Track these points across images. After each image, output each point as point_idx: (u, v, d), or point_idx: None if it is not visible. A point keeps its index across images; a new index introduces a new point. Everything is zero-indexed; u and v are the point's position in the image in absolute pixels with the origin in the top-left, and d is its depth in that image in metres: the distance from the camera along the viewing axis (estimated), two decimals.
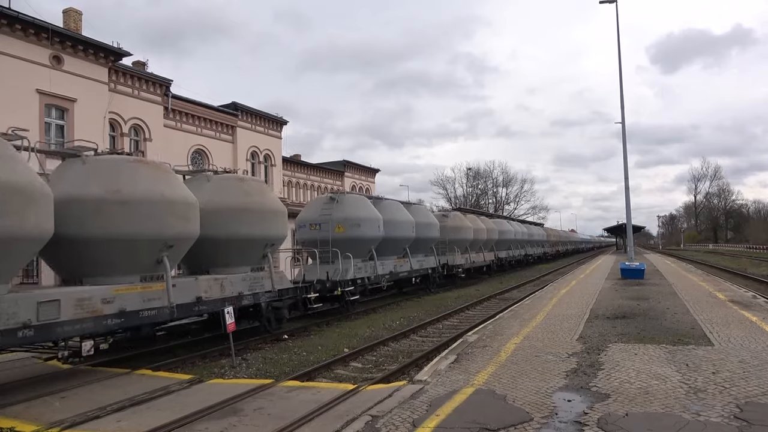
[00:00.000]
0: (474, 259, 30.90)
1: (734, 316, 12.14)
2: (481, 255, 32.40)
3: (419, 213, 23.88)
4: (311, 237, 18.51)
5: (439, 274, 25.22)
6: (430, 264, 24.33)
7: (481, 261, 32.31)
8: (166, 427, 6.54)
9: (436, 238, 24.74)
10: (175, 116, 27.80)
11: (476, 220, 33.22)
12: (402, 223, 21.27)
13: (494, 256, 35.26)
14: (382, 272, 19.71)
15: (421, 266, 23.37)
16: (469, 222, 30.75)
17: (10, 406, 7.72)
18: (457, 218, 29.97)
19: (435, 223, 25.01)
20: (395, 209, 21.63)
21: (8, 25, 19.16)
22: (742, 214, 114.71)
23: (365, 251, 18.94)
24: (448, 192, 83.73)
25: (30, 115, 19.56)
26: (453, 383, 7.24)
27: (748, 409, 5.74)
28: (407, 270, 21.81)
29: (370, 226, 18.79)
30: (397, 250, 21.38)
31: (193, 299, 11.24)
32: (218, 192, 12.75)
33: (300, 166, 41.79)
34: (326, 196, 19.63)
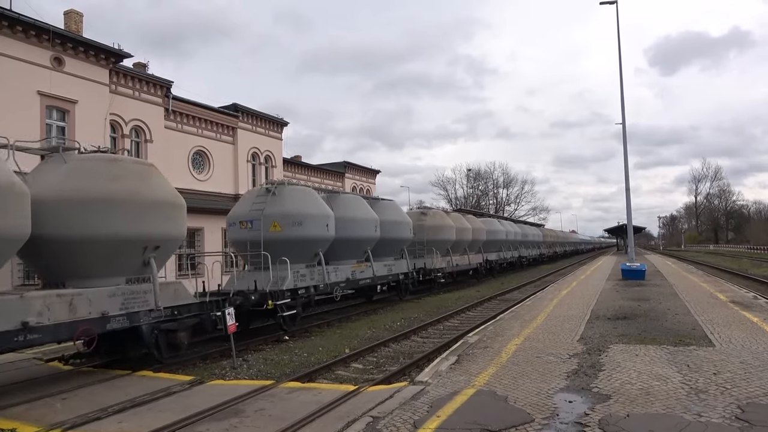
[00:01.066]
0: (458, 262, 28.26)
1: (735, 317, 12.13)
2: (466, 257, 29.66)
3: (386, 210, 20.79)
4: (241, 237, 15.16)
5: (413, 280, 22.22)
6: (401, 269, 21.33)
7: (466, 264, 29.61)
8: (167, 428, 6.54)
9: (408, 238, 21.90)
10: (176, 117, 27.81)
11: (460, 218, 30.22)
12: (362, 222, 18.30)
13: (483, 258, 32.43)
14: (336, 279, 16.70)
15: (390, 271, 20.40)
16: (451, 220, 27.88)
17: (11, 408, 7.73)
18: (438, 216, 27.29)
19: (406, 221, 22.07)
20: (353, 205, 18.60)
21: (9, 26, 19.18)
22: (742, 214, 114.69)
23: (309, 255, 15.77)
24: (448, 193, 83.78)
25: (31, 117, 19.58)
26: (454, 384, 7.24)
27: (750, 410, 5.73)
28: (369, 276, 18.66)
29: (316, 224, 15.52)
30: (355, 253, 18.46)
31: (15, 326, 7.99)
32: (76, 176, 9.70)
33: (301, 167, 41.79)
34: (261, 187, 16.25)
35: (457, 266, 28.16)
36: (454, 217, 29.69)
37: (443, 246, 26.05)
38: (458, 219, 29.61)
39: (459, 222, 29.03)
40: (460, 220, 29.78)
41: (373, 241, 18.89)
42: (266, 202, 15.03)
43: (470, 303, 20.05)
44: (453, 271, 27.45)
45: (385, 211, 20.60)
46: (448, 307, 19.38)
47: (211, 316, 11.35)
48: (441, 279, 25.20)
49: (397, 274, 20.96)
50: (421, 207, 27.76)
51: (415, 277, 22.47)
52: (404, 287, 21.65)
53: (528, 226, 52.48)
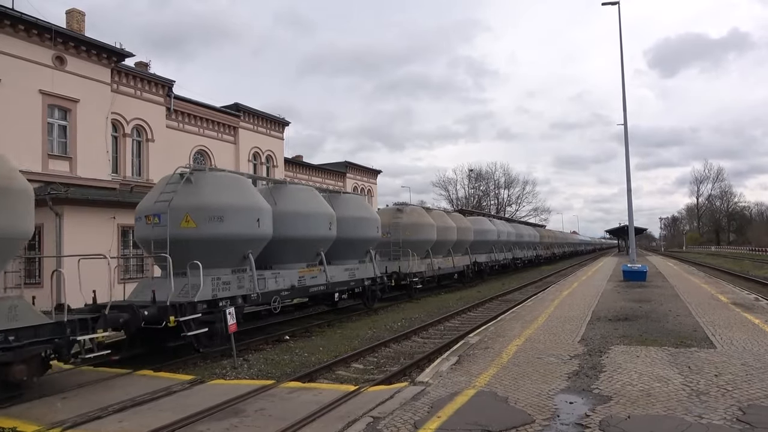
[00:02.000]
0: (440, 264, 25.48)
1: (737, 319, 12.10)
2: (449, 260, 27.04)
3: (346, 205, 17.87)
4: (145, 235, 12.18)
5: (382, 285, 19.25)
6: (367, 273, 18.35)
7: (449, 267, 26.91)
8: (167, 428, 6.53)
9: (375, 238, 18.92)
10: (178, 117, 27.85)
11: (443, 216, 27.52)
12: (311, 217, 15.13)
13: (470, 260, 29.86)
14: (276, 287, 13.78)
15: (352, 276, 17.50)
16: (431, 218, 24.91)
17: (11, 406, 7.73)
18: (416, 214, 24.16)
19: (373, 218, 18.97)
20: (301, 197, 15.42)
21: (11, 25, 19.21)
22: (744, 216, 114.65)
23: (237, 257, 12.59)
24: (449, 193, 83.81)
25: (33, 116, 19.62)
26: (454, 385, 7.23)
27: (751, 412, 5.72)
28: (322, 283, 15.64)
29: (243, 219, 12.39)
30: (305, 255, 15.30)
31: None
32: None
33: (302, 167, 41.83)
34: (174, 173, 12.59)
35: (440, 269, 25.38)
36: (437, 214, 26.77)
37: (422, 247, 23.51)
38: (440, 217, 26.85)
39: (441, 220, 26.34)
40: (443, 218, 27.13)
41: (327, 241, 15.88)
42: (177, 191, 11.83)
43: (471, 303, 20.04)
44: (434, 275, 24.67)
45: (345, 206, 17.71)
46: (449, 307, 19.38)
47: (72, 340, 8.69)
48: (418, 285, 22.29)
49: (361, 280, 17.92)
50: (399, 203, 24.66)
51: (386, 283, 19.65)
52: (371, 294, 18.65)
53: (524, 226, 49.61)
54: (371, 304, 18.83)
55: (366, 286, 18.23)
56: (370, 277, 18.58)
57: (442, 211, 29.56)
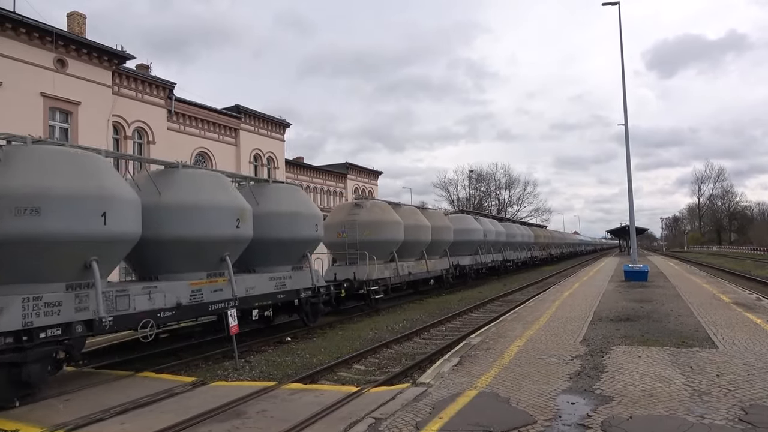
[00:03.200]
0: (411, 269, 22.13)
1: (738, 319, 12.09)
2: (422, 263, 23.39)
3: (275, 197, 14.21)
4: None
5: (328, 297, 15.92)
6: (303, 283, 14.73)
7: (422, 272, 23.28)
8: (169, 430, 6.54)
9: (312, 239, 15.06)
10: (179, 119, 27.88)
11: (415, 213, 23.54)
12: (211, 212, 11.33)
13: (450, 263, 26.45)
14: (149, 307, 10.06)
15: (281, 287, 13.85)
16: (398, 215, 21.10)
17: (14, 408, 7.75)
18: (377, 210, 20.19)
19: (310, 213, 14.98)
20: (196, 186, 11.50)
21: (13, 28, 19.26)
22: (745, 216, 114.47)
23: (71, 268, 8.81)
24: (450, 194, 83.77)
25: (34, 118, 19.66)
26: (456, 386, 7.23)
27: (753, 412, 5.71)
28: (227, 298, 11.76)
29: (77, 212, 8.67)
30: (202, 262, 11.48)
31: None
32: None
33: (303, 169, 41.85)
34: None
35: (410, 275, 22.00)
36: (407, 211, 22.88)
37: (385, 249, 19.93)
38: (411, 214, 23.01)
39: (412, 218, 22.58)
40: (415, 215, 23.30)
41: (235, 243, 12.07)
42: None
43: (473, 304, 20.02)
44: (402, 281, 21.35)
45: (273, 198, 14.14)
46: (450, 308, 19.37)
47: None
48: (378, 294, 18.80)
49: (295, 291, 14.44)
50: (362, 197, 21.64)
51: (332, 293, 16.30)
52: (311, 309, 15.14)
53: (516, 225, 45.93)
54: (312, 320, 15.17)
55: (303, 298, 14.70)
56: (307, 287, 14.86)
57: (415, 207, 25.70)
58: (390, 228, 20.13)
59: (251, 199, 13.31)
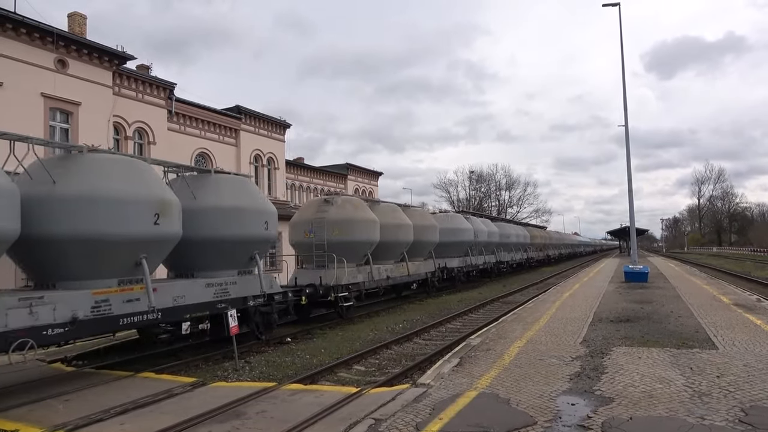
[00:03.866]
0: (389, 272, 20.00)
1: (738, 320, 12.09)
2: (402, 266, 21.27)
3: (214, 190, 12.28)
4: None
5: (284, 305, 13.97)
6: (248, 290, 12.68)
7: (402, 275, 21.13)
8: (169, 430, 6.54)
9: (261, 238, 12.90)
10: (179, 119, 27.88)
11: (394, 211, 21.37)
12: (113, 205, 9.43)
13: (435, 266, 24.46)
14: (23, 323, 8.01)
15: (223, 295, 11.87)
16: (374, 213, 19.10)
17: (14, 409, 7.75)
18: (349, 207, 18.14)
19: (258, 209, 12.89)
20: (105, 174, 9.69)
21: (13, 29, 19.26)
22: (745, 217, 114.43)
23: None
24: (450, 195, 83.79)
25: (35, 119, 19.65)
26: (456, 386, 7.23)
27: (753, 413, 5.71)
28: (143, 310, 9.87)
29: None
30: (110, 267, 9.59)
31: None
32: None
33: (303, 169, 41.85)
34: None
35: (388, 279, 19.91)
36: (384, 209, 20.95)
37: (358, 250, 17.94)
38: (390, 212, 20.89)
39: (390, 216, 20.50)
40: (394, 213, 21.14)
41: (153, 243, 10.09)
42: None
43: (472, 305, 20.01)
44: (379, 286, 19.31)
45: (212, 192, 12.19)
46: (450, 309, 19.37)
47: None
48: (349, 302, 16.82)
49: (242, 299, 12.40)
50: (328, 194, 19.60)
51: (290, 301, 14.31)
52: (261, 319, 13.05)
53: (511, 225, 43.96)
54: (264, 333, 13.19)
55: (252, 308, 12.77)
56: (255, 294, 12.85)
57: (396, 204, 23.16)
58: (363, 227, 18.05)
59: (186, 192, 11.53)
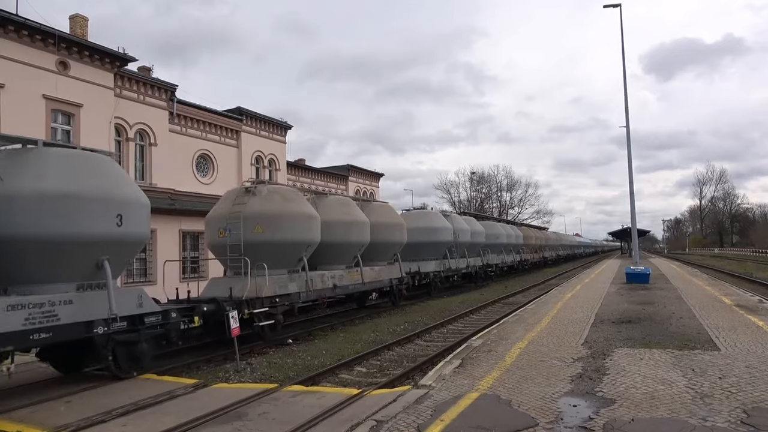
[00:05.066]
0: (337, 280, 16.21)
1: (740, 321, 12.07)
2: (356, 273, 17.41)
3: (27, 171, 8.76)
4: None
5: (156, 332, 10.32)
6: (93, 312, 9.12)
7: (354, 283, 17.19)
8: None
9: (109, 238, 9.35)
10: (180, 121, 27.91)
11: (345, 205, 17.59)
12: None
13: (401, 271, 20.69)
14: None
15: (40, 322, 8.31)
16: (312, 207, 15.48)
17: (15, 410, 7.75)
18: (277, 198, 14.34)
19: (107, 196, 9.36)
20: None
21: (15, 31, 19.30)
22: (747, 218, 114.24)
23: None
24: (452, 196, 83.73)
25: (36, 121, 19.68)
26: (458, 388, 7.22)
27: (756, 415, 5.70)
28: None
29: None
30: None
31: None
32: None
33: (304, 171, 41.86)
34: None
35: (335, 288, 16.06)
36: (331, 202, 17.17)
37: (289, 253, 14.13)
38: (338, 206, 17.11)
39: (338, 211, 16.75)
40: (344, 208, 17.35)
41: None
42: None
43: (474, 306, 19.99)
44: (320, 297, 15.23)
45: (26, 174, 8.75)
46: (451, 310, 19.34)
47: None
48: (269, 321, 12.94)
49: (85, 325, 9.00)
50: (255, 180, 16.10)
51: (172, 325, 10.67)
52: (121, 352, 9.58)
53: (501, 225, 39.15)
54: (124, 370, 9.62)
55: (100, 337, 9.19)
56: (109, 318, 9.20)
57: (350, 198, 19.62)
58: (297, 224, 14.14)
59: None
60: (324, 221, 15.65)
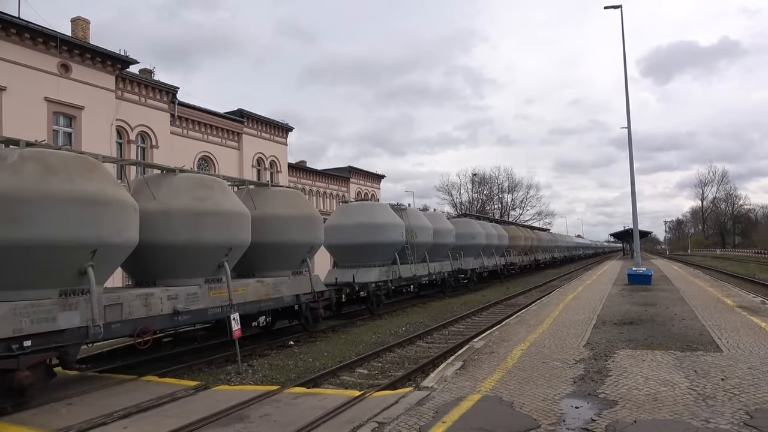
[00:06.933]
0: (180, 303, 10.69)
1: (743, 322, 12.04)
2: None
3: None
4: None
5: None
6: None
7: (211, 306, 11.42)
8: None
9: None
10: (182, 123, 27.97)
11: (206, 186, 11.87)
12: None
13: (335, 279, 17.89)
14: None
15: None
16: (123, 189, 10.07)
17: (17, 413, 7.75)
18: (25, 168, 8.38)
19: None
20: None
21: (17, 34, 19.37)
22: (749, 218, 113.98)
23: None
24: (453, 198, 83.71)
25: (38, 123, 19.74)
26: (459, 390, 7.21)
27: (758, 416, 5.68)
28: None
29: None
30: None
31: None
32: None
33: (305, 173, 41.89)
34: None
35: (177, 315, 10.66)
36: (178, 182, 11.61)
37: (56, 263, 8.42)
38: (185, 189, 11.49)
39: (183, 196, 11.34)
40: (201, 189, 11.72)
41: None
42: None
43: (475, 308, 19.97)
44: (138, 332, 9.75)
45: None
46: (453, 311, 19.33)
47: None
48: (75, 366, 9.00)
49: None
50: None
51: None
52: None
53: (480, 223, 33.06)
54: None
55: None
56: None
57: (219, 177, 13.24)
58: (59, 212, 8.43)
59: None
60: (156, 211, 10.74)
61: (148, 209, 10.60)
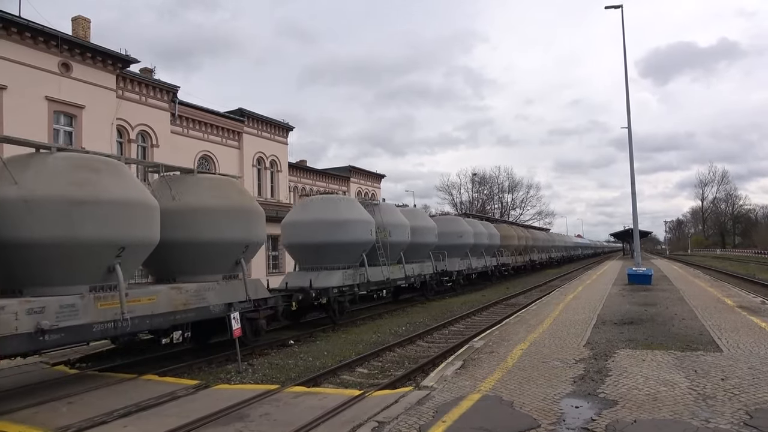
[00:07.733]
0: (46, 319, 7.96)
1: (743, 322, 12.04)
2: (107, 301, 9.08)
3: None
4: None
5: None
6: None
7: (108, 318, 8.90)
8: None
9: None
10: (182, 122, 27.97)
11: (92, 169, 9.15)
12: None
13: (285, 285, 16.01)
14: None
15: None
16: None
17: (17, 411, 7.76)
18: None
19: None
20: None
21: (18, 33, 19.37)
22: (749, 219, 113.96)
23: None
24: (453, 197, 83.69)
25: (39, 122, 19.74)
26: (459, 389, 7.21)
27: (758, 416, 5.68)
28: None
29: None
30: None
31: None
32: None
33: (306, 172, 41.91)
34: None
35: (42, 334, 7.92)
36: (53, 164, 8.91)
37: None
38: (57, 173, 8.82)
39: (57, 181, 8.73)
40: (79, 172, 9.02)
41: None
42: None
43: (476, 307, 19.98)
44: None
45: None
46: (453, 311, 19.34)
47: None
48: None
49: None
50: None
51: None
52: None
53: (468, 221, 30.64)
54: None
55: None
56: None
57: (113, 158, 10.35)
58: None
59: None
60: (17, 198, 8.44)
61: (8, 197, 8.28)
